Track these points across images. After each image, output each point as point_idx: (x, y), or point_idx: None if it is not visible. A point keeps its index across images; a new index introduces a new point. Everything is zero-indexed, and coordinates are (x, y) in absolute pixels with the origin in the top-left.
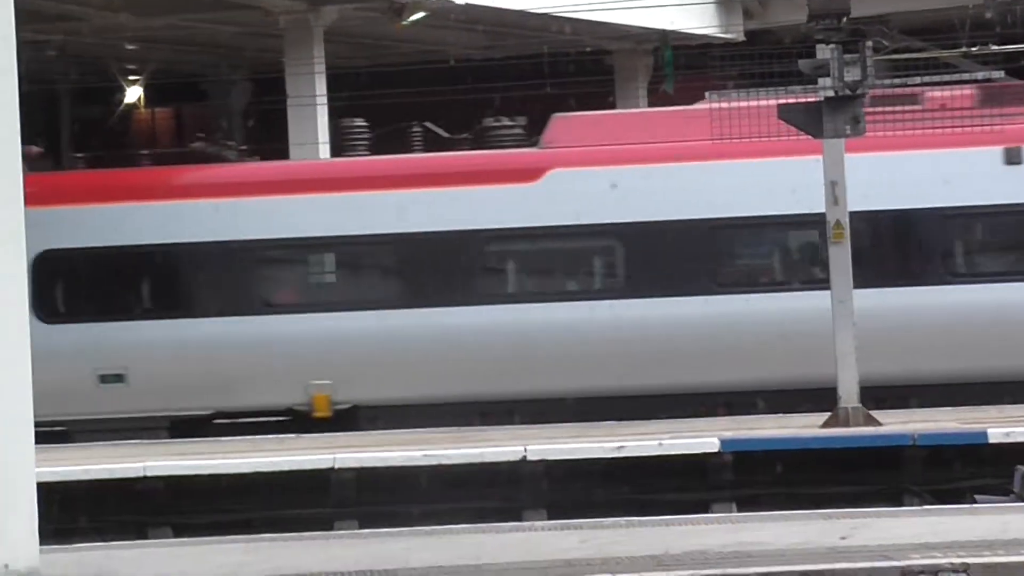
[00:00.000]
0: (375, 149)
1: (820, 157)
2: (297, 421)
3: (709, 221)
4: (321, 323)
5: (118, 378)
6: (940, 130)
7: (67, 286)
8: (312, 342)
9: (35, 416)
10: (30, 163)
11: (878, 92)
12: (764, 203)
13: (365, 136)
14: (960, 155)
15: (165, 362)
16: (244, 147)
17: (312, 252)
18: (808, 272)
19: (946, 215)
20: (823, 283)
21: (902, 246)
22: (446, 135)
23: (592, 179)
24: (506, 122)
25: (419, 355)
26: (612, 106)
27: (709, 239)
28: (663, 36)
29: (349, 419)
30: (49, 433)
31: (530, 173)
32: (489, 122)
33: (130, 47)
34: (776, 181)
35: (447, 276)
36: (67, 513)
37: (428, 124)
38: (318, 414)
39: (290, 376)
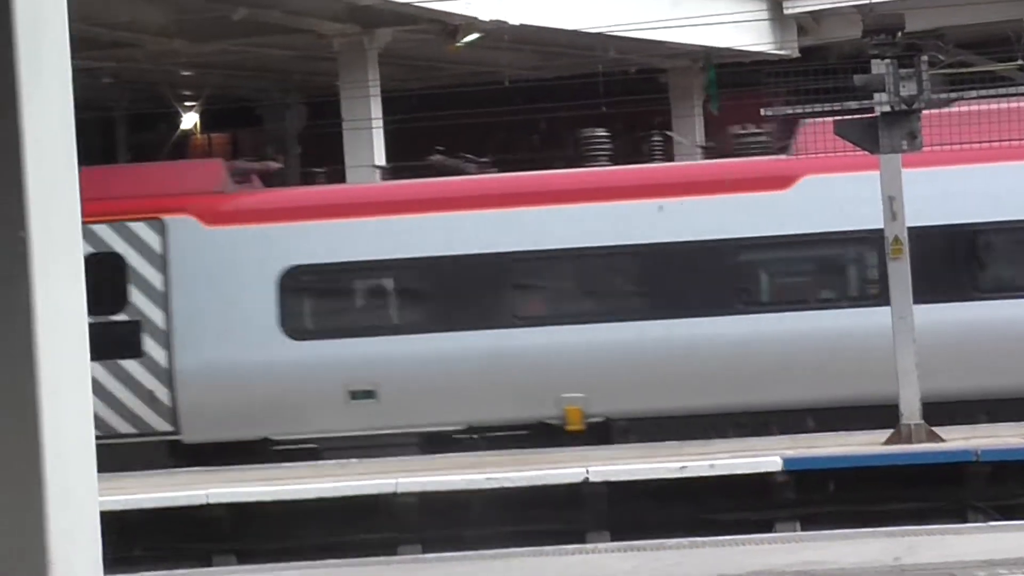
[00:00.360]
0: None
1: None
2: (548, 434)
3: (969, 226)
4: (573, 335)
5: (368, 394)
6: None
7: (314, 302)
8: (564, 355)
9: (286, 433)
10: (267, 179)
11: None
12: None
13: (606, 147)
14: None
15: (416, 377)
16: (484, 160)
17: (562, 264)
18: None
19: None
20: None
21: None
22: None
23: (845, 185)
24: (753, 129)
25: (672, 367)
26: (668, 126)
27: (969, 244)
28: (706, 56)
29: (602, 432)
30: (300, 451)
31: (782, 181)
32: (737, 130)
33: (185, 73)
34: None
35: (700, 286)
36: (132, 541)
37: (670, 134)
38: (571, 427)
39: (542, 389)
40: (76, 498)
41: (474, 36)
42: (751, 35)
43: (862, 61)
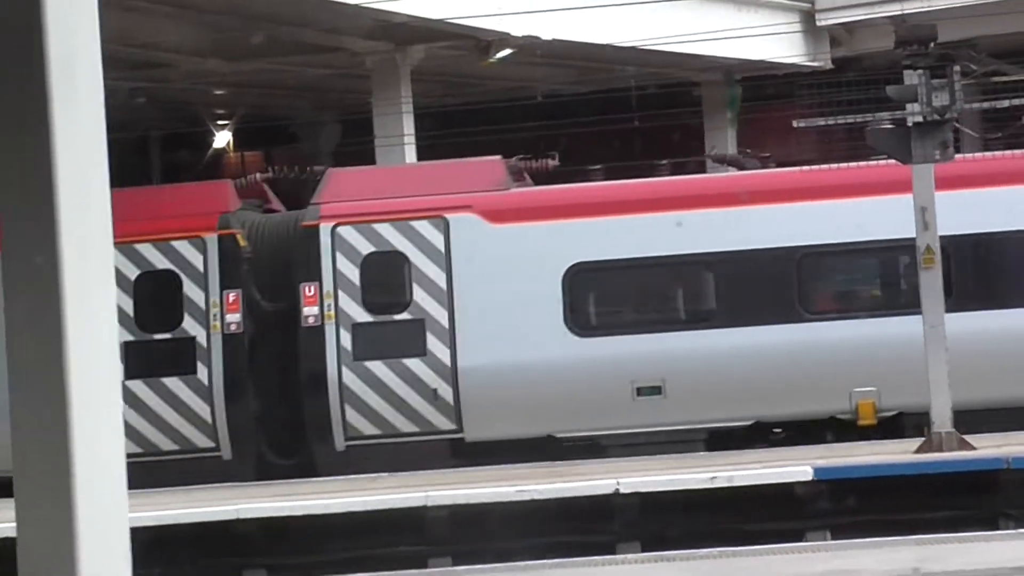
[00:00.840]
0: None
1: None
2: (837, 429)
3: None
4: (865, 329)
5: (655, 390)
6: None
7: (599, 299)
8: (856, 348)
9: (570, 430)
10: (549, 178)
11: None
12: None
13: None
14: None
15: (703, 373)
16: (765, 155)
17: (849, 258)
18: None
19: None
20: None
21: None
22: None
23: None
24: None
25: (968, 359)
26: (700, 138)
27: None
28: (727, 73)
29: (895, 426)
30: (582, 447)
31: None
32: None
33: (218, 92)
34: None
35: (999, 278)
36: (163, 557)
37: None
38: (863, 422)
39: (833, 384)
40: (107, 514)
41: (507, 52)
42: (784, 47)
43: (895, 72)
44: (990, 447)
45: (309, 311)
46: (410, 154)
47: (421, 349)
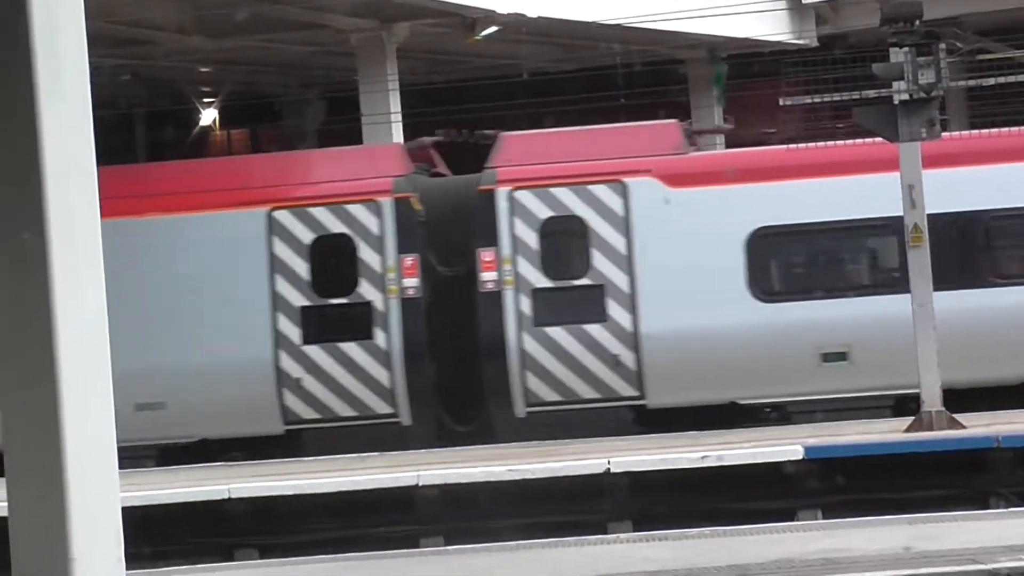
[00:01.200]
0: None
1: None
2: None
3: None
4: None
5: (841, 356)
6: None
7: (783, 263)
8: None
9: (753, 396)
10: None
11: None
12: None
13: None
14: None
15: (891, 338)
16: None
17: None
18: None
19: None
20: None
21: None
22: None
23: None
24: None
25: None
26: (687, 116)
27: None
28: (711, 51)
29: None
30: (765, 414)
31: None
32: None
33: (204, 69)
34: None
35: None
36: (154, 537)
37: None
38: None
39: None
40: (98, 495)
41: (492, 29)
42: (770, 25)
43: (881, 49)
44: (980, 426)
45: (487, 276)
46: (397, 132)
47: (602, 315)
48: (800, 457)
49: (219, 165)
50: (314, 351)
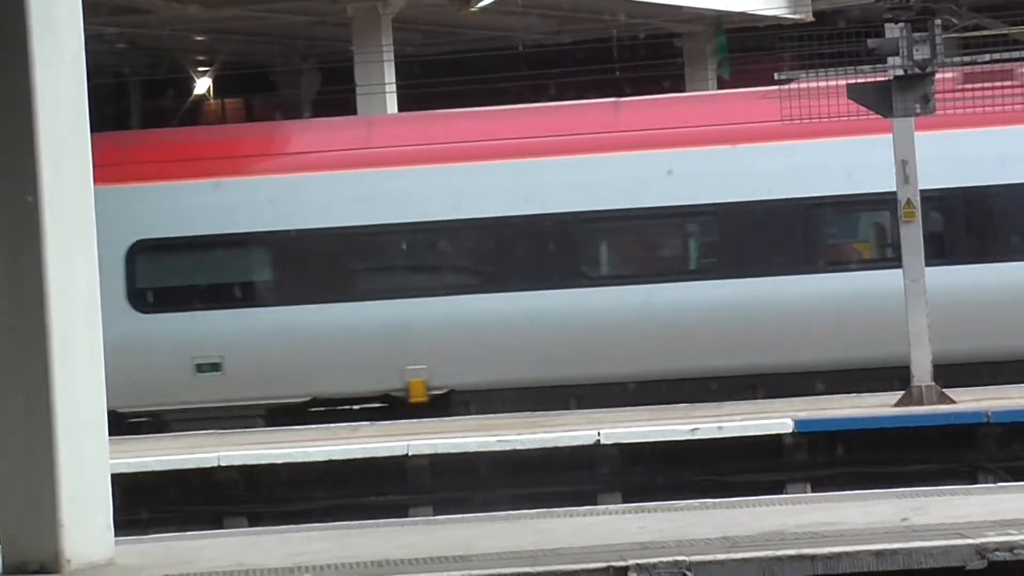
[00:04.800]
0: None
1: None
2: None
3: None
4: None
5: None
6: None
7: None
8: None
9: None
10: None
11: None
12: None
13: None
14: None
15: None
16: None
17: None
18: None
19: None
20: None
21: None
22: None
23: None
24: None
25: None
26: (682, 89)
27: None
28: (716, 21)
29: None
30: None
31: None
32: None
33: (199, 38)
34: None
35: None
36: (142, 504)
37: None
38: None
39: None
40: (87, 463)
41: (488, 1)
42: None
43: (876, 25)
44: (970, 401)
45: None
46: (391, 103)
47: None
48: (791, 430)
49: None
50: None
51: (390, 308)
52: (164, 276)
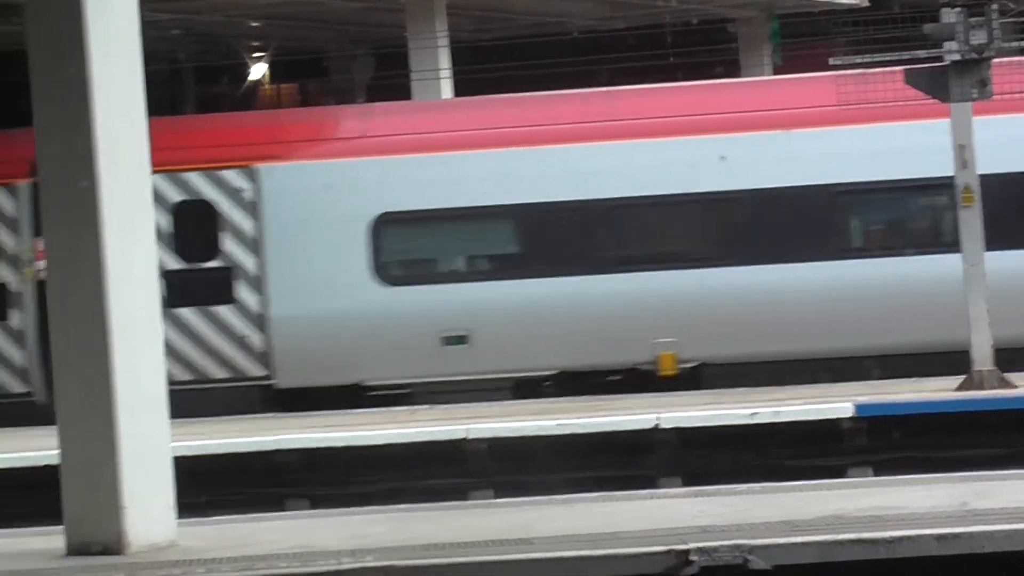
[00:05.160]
0: None
1: None
2: None
3: None
4: None
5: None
6: None
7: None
8: None
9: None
10: None
11: None
12: None
13: None
14: None
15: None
16: None
17: None
18: None
19: None
20: None
21: None
22: None
23: None
24: None
25: None
26: (738, 75)
27: None
28: (769, 6)
29: None
30: None
31: None
32: None
33: (253, 24)
34: None
35: None
36: (206, 486)
37: None
38: None
39: None
40: (149, 445)
41: None
42: None
43: (931, 10)
44: None
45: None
46: (446, 89)
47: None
48: (851, 415)
49: None
50: None
51: (639, 281)
52: (410, 249)
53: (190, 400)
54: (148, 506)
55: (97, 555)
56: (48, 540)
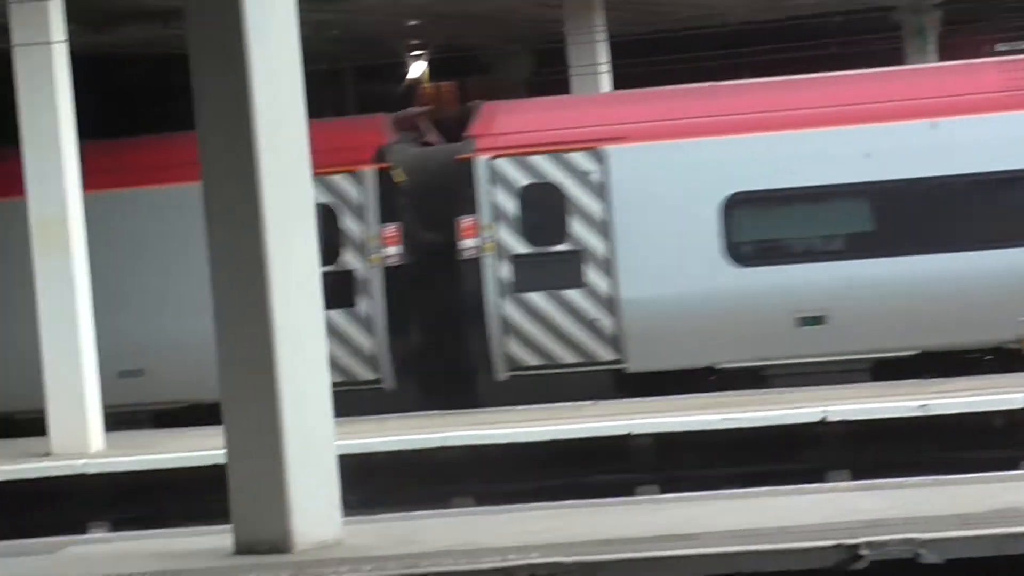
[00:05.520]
0: None
1: None
2: None
3: None
4: None
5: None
6: None
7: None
8: None
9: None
10: None
11: None
12: None
13: None
14: None
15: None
16: None
17: None
18: None
19: None
20: None
21: None
22: None
23: None
24: None
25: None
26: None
27: None
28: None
29: None
30: None
31: None
32: None
33: (412, 23)
34: None
35: None
36: (370, 484)
37: None
38: None
39: None
40: (314, 443)
41: None
42: None
43: None
44: None
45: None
46: (605, 84)
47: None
48: (1023, 406)
49: None
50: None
51: (1004, 258)
52: (762, 229)
53: (546, 385)
54: (314, 505)
55: (265, 554)
56: (217, 539)
